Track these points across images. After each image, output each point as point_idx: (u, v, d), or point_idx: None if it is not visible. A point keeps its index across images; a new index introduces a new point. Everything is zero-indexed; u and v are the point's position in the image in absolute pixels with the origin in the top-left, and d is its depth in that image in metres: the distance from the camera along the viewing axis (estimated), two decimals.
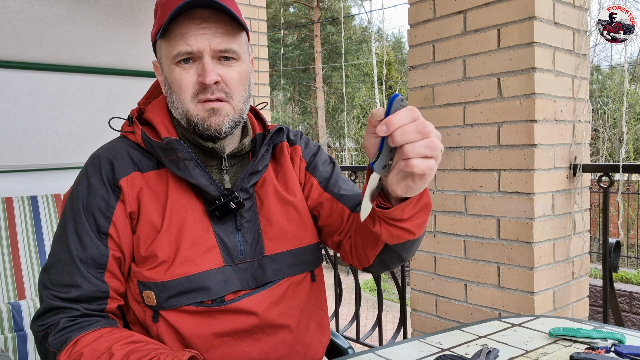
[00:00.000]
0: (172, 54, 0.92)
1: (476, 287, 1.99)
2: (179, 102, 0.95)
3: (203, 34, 0.91)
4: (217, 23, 0.92)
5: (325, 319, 1.10)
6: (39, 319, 0.91)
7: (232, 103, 0.95)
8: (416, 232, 0.89)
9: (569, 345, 1.01)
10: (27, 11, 1.55)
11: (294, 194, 1.05)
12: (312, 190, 1.09)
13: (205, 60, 0.91)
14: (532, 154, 1.80)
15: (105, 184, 0.94)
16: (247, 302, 0.95)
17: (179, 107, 0.95)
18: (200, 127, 0.94)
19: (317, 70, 20.73)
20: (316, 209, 1.09)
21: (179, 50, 0.91)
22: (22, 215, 1.71)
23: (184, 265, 0.93)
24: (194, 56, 0.92)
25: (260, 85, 3.27)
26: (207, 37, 0.91)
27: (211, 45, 0.91)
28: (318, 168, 1.11)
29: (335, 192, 1.08)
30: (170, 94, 0.97)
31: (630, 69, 11.81)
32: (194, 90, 0.93)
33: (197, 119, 0.94)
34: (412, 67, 2.19)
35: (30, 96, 1.75)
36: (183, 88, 0.93)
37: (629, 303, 4.18)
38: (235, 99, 0.96)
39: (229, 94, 0.95)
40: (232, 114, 0.96)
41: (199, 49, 0.91)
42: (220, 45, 0.92)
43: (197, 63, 0.93)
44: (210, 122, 0.94)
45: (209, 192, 0.95)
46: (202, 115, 0.94)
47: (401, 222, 0.86)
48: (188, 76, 0.93)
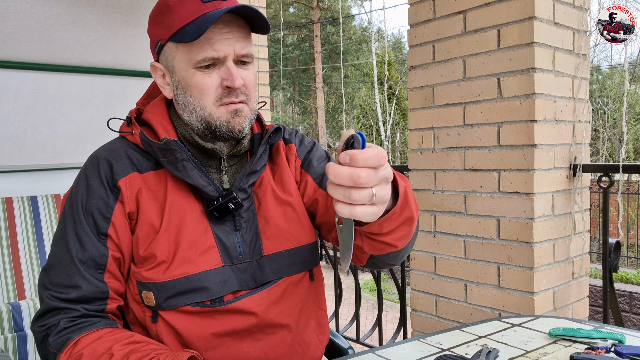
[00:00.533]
0: (196, 59, 0.92)
1: (476, 287, 1.99)
2: (198, 105, 0.95)
3: (227, 39, 0.92)
4: (239, 27, 0.93)
5: (324, 318, 1.11)
6: (39, 320, 0.91)
7: (249, 104, 0.97)
8: (398, 244, 0.89)
9: (569, 345, 1.01)
10: (27, 11, 1.55)
11: (291, 193, 1.06)
12: (307, 187, 1.09)
13: (229, 65, 0.93)
14: (532, 154, 1.80)
15: (104, 185, 0.94)
16: (246, 302, 0.95)
17: (197, 111, 0.95)
18: (224, 129, 0.95)
19: (317, 70, 20.73)
20: (312, 206, 1.09)
21: (204, 55, 0.91)
22: (22, 216, 1.71)
23: (183, 266, 0.93)
24: (217, 61, 0.93)
25: (260, 86, 3.28)
26: (231, 42, 0.92)
27: (235, 50, 0.93)
28: (312, 164, 1.10)
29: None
30: (186, 98, 0.96)
31: (630, 69, 11.81)
32: (218, 94, 0.94)
33: (219, 122, 0.95)
34: (412, 67, 2.19)
35: (30, 96, 1.75)
36: (206, 92, 0.94)
37: (629, 303, 4.18)
38: (252, 99, 0.98)
39: (248, 96, 0.96)
40: (250, 114, 0.98)
41: (225, 54, 0.92)
42: (243, 49, 0.94)
43: (217, 67, 0.93)
44: (234, 123, 0.95)
45: (208, 192, 0.95)
46: (225, 118, 0.94)
47: (381, 236, 0.86)
48: (211, 80, 0.93)
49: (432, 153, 2.14)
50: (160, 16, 0.96)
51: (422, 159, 2.18)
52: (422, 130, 2.17)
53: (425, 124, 2.15)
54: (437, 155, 2.12)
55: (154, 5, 0.99)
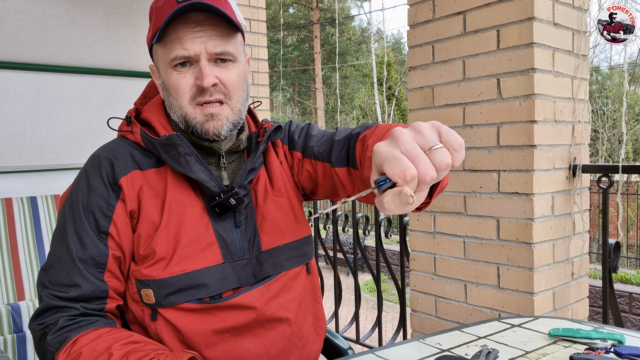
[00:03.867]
0: (169, 58, 0.93)
1: (476, 288, 1.99)
2: (176, 105, 0.96)
3: (199, 37, 0.91)
4: (212, 26, 0.93)
5: (321, 311, 1.12)
6: (37, 318, 0.91)
7: (230, 104, 0.96)
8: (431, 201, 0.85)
9: (569, 345, 1.01)
10: (27, 12, 1.55)
11: (284, 187, 1.06)
12: (299, 163, 1.09)
13: (202, 64, 0.92)
14: (531, 155, 1.80)
15: (105, 183, 0.95)
16: (244, 297, 0.96)
17: (177, 111, 0.96)
18: (199, 130, 0.95)
19: (317, 71, 20.74)
20: (308, 179, 1.08)
21: (175, 54, 0.92)
22: (22, 216, 1.71)
23: (183, 262, 0.93)
24: (190, 60, 0.93)
25: (260, 86, 3.28)
26: (202, 40, 0.92)
27: (207, 48, 0.92)
28: (295, 140, 1.10)
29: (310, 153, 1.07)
30: (168, 98, 0.97)
31: (629, 70, 11.82)
32: (192, 93, 0.94)
33: (194, 122, 0.95)
34: (412, 67, 2.19)
35: (30, 97, 1.74)
36: (180, 92, 0.94)
37: (629, 304, 4.18)
38: (233, 100, 0.96)
39: (227, 95, 0.95)
40: (232, 116, 0.97)
41: (196, 52, 0.92)
42: (216, 47, 0.93)
43: (193, 66, 0.93)
44: (209, 126, 0.94)
45: (209, 187, 0.95)
46: (199, 119, 0.94)
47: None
48: (185, 79, 0.93)
49: None
50: (149, 20, 0.99)
51: None
52: None
53: None
54: None
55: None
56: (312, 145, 1.06)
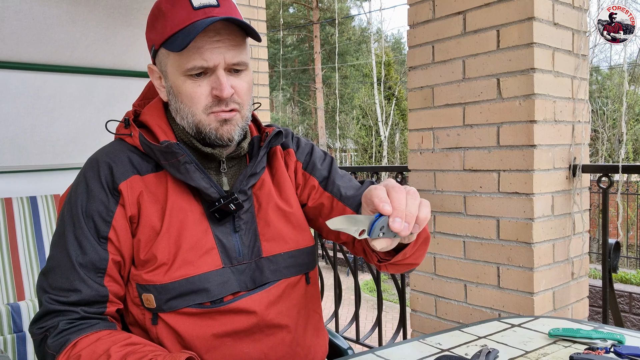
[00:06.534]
0: (185, 67, 0.92)
1: (476, 288, 1.99)
2: (189, 112, 0.95)
3: (217, 48, 0.91)
4: (230, 35, 0.92)
5: (320, 323, 1.11)
6: (37, 322, 0.90)
7: (242, 112, 0.97)
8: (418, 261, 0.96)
9: (569, 345, 1.01)
10: (27, 12, 1.55)
11: (289, 197, 1.06)
12: (313, 190, 1.09)
13: (219, 74, 0.92)
14: (531, 155, 1.80)
15: (105, 188, 0.94)
16: (245, 302, 0.95)
17: (188, 117, 0.96)
18: (213, 136, 0.95)
19: (317, 70, 20.73)
20: (317, 208, 1.09)
21: (193, 64, 0.91)
22: (22, 216, 1.71)
23: (184, 267, 0.93)
24: (207, 69, 0.92)
25: (259, 86, 3.27)
26: (221, 50, 0.91)
27: (226, 59, 0.92)
28: (317, 167, 1.11)
29: (335, 191, 1.08)
30: (177, 104, 0.97)
31: (629, 70, 11.81)
32: (207, 103, 0.94)
33: (209, 129, 0.95)
34: (412, 67, 2.19)
35: (30, 97, 1.74)
36: (195, 100, 0.93)
37: (629, 303, 4.18)
38: (245, 108, 0.97)
39: (240, 104, 0.96)
40: (241, 122, 0.97)
41: (215, 63, 0.91)
42: (234, 58, 0.93)
43: (208, 75, 0.93)
44: (223, 131, 0.95)
45: (209, 194, 0.95)
46: (214, 126, 0.95)
47: (403, 260, 0.91)
48: (201, 89, 0.93)
49: (431, 153, 2.14)
50: (154, 20, 0.96)
51: (421, 159, 2.18)
52: (421, 130, 2.17)
53: (424, 124, 2.15)
54: (436, 156, 2.12)
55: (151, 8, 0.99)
56: (339, 185, 1.08)
